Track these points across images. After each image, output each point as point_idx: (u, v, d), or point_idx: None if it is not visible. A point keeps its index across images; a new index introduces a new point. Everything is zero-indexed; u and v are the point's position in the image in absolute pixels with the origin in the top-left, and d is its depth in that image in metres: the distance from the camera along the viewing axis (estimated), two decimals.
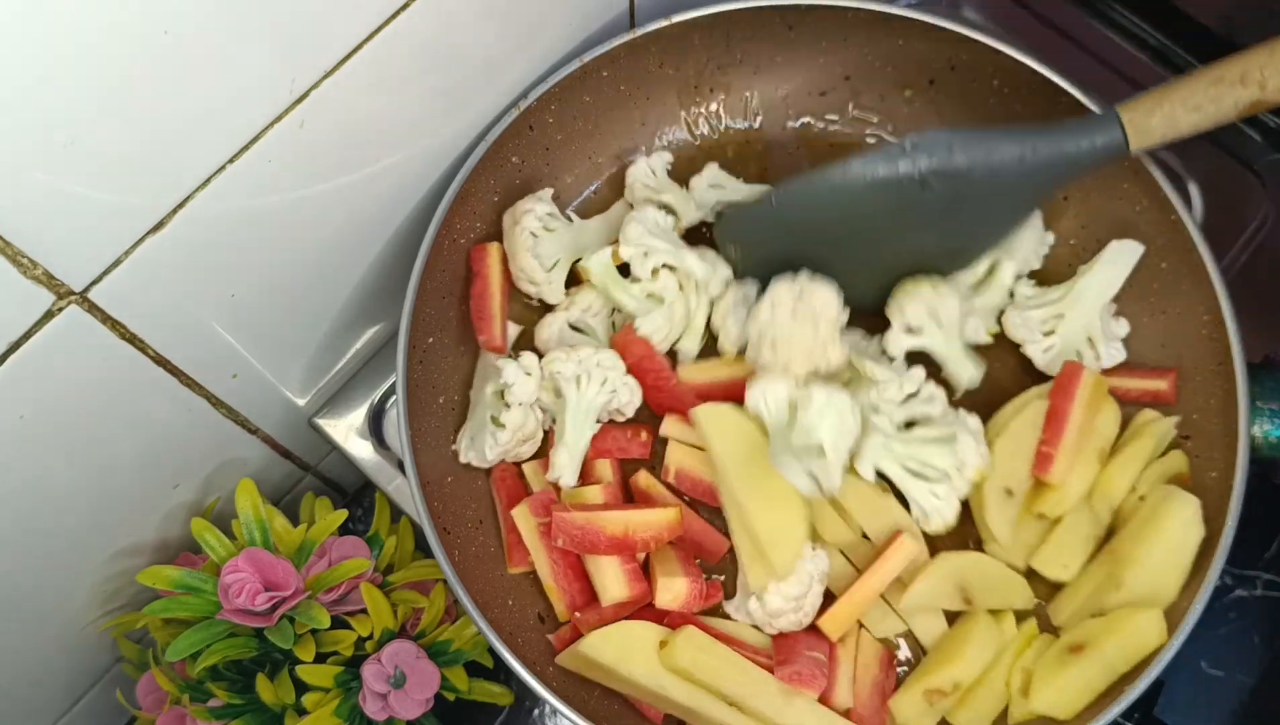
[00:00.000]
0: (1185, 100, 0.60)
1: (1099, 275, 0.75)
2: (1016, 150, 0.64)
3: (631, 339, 0.74)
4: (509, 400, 0.71)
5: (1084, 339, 0.75)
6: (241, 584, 0.68)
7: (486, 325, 0.75)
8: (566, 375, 0.72)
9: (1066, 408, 0.70)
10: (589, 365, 0.72)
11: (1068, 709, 0.66)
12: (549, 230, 0.75)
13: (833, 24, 0.80)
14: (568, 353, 0.72)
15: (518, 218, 0.75)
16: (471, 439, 0.73)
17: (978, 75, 0.80)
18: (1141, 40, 0.93)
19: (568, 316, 0.77)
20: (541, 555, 0.71)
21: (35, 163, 0.46)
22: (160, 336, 0.60)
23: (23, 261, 0.49)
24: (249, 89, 0.53)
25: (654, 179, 0.80)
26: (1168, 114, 0.61)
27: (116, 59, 0.46)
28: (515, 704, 0.81)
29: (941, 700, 0.67)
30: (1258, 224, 0.88)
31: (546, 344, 0.76)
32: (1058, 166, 0.64)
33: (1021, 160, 0.64)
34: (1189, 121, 0.61)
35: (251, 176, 0.57)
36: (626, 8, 0.80)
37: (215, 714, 0.69)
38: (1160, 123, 0.61)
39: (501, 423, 0.71)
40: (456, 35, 0.64)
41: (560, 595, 0.71)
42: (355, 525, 0.90)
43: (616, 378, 0.72)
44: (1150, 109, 0.62)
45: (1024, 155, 0.64)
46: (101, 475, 0.65)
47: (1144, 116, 0.62)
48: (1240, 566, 0.82)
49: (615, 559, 0.69)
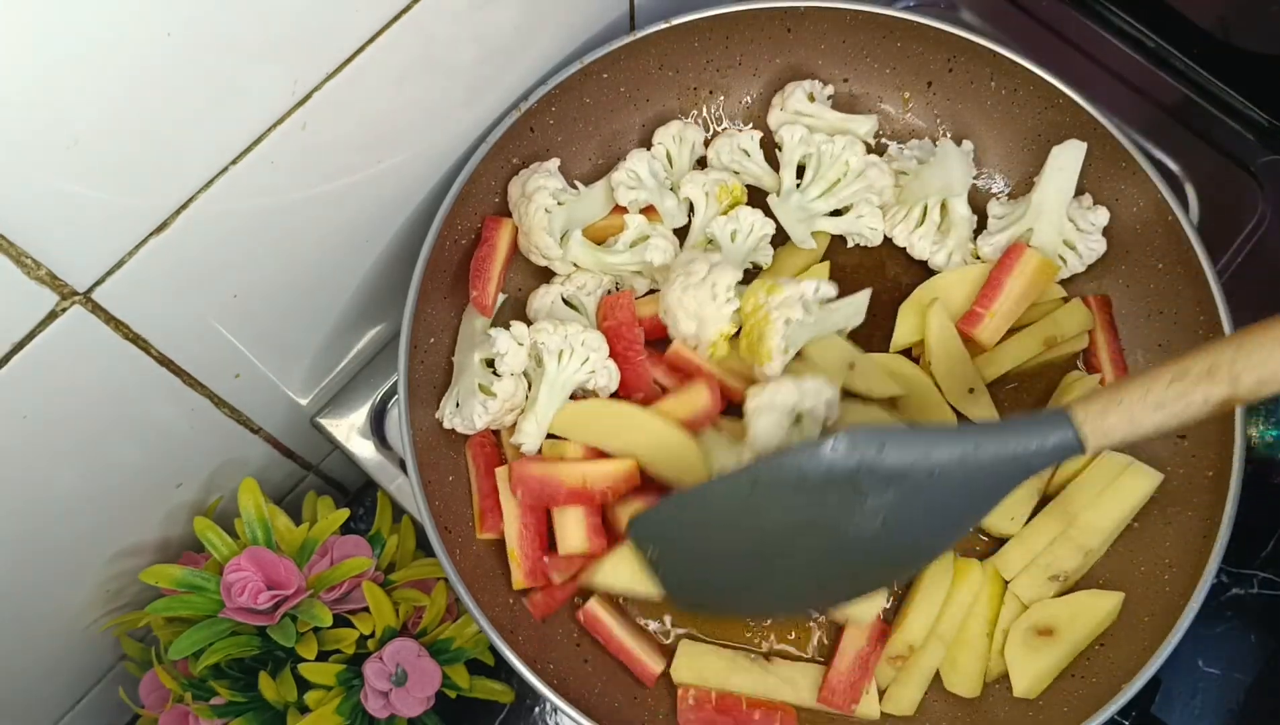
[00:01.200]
0: (1146, 398, 0.53)
1: (1050, 182, 0.77)
2: (957, 451, 0.56)
3: (620, 302, 0.74)
4: (500, 369, 0.71)
5: (1060, 244, 0.77)
6: (244, 582, 0.68)
7: (482, 286, 0.76)
8: (550, 348, 0.72)
9: (1003, 277, 0.75)
10: (574, 342, 0.73)
11: (1039, 690, 0.70)
12: (560, 203, 0.76)
13: (831, 26, 0.80)
14: (556, 326, 0.73)
15: (530, 195, 0.75)
16: (458, 405, 0.73)
17: (975, 77, 0.80)
18: (1138, 41, 0.94)
19: (563, 290, 0.78)
20: (514, 519, 0.71)
21: (39, 164, 0.46)
22: (163, 337, 0.61)
23: (26, 262, 0.49)
24: (251, 91, 0.53)
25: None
26: (1127, 414, 0.54)
27: (120, 61, 0.46)
28: (516, 701, 0.82)
29: (903, 664, 0.71)
30: (1254, 225, 0.88)
31: (537, 313, 0.77)
32: (1006, 468, 0.56)
33: (964, 462, 0.56)
34: (1153, 421, 0.53)
35: (254, 178, 0.57)
36: (627, 10, 0.80)
37: (218, 712, 0.69)
38: (1119, 423, 0.54)
39: (493, 392, 0.72)
40: (458, 38, 0.64)
41: (520, 561, 0.71)
42: (357, 524, 0.91)
43: (598, 359, 0.73)
44: (1105, 409, 0.54)
45: (966, 456, 0.56)
46: (104, 475, 0.65)
47: (1099, 417, 0.54)
48: (1237, 565, 0.83)
49: (579, 512, 0.70)
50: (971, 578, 0.72)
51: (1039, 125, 0.79)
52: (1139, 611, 0.70)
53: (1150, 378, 0.53)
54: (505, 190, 0.78)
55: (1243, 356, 0.51)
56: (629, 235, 0.78)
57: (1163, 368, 0.53)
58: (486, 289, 0.76)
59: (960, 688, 0.71)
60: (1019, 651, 0.70)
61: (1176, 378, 0.53)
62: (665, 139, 0.81)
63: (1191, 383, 0.52)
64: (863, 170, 0.80)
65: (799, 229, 0.79)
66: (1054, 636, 0.70)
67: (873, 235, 0.80)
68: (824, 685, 0.70)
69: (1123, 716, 0.67)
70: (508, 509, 0.72)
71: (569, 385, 0.73)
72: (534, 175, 0.76)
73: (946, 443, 0.56)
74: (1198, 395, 0.52)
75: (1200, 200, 0.89)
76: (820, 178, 0.80)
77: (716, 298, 0.70)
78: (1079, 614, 0.70)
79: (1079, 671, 0.70)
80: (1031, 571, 0.72)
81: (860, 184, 0.80)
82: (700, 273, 0.71)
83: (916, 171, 0.80)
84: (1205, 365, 0.52)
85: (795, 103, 0.81)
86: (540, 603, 0.72)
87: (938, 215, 0.79)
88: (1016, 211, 0.78)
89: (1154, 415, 0.53)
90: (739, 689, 0.70)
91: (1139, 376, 0.54)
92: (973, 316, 0.75)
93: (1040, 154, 0.79)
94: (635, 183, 0.78)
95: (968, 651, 0.71)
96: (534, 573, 0.71)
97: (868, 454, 0.56)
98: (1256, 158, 0.90)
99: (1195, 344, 0.71)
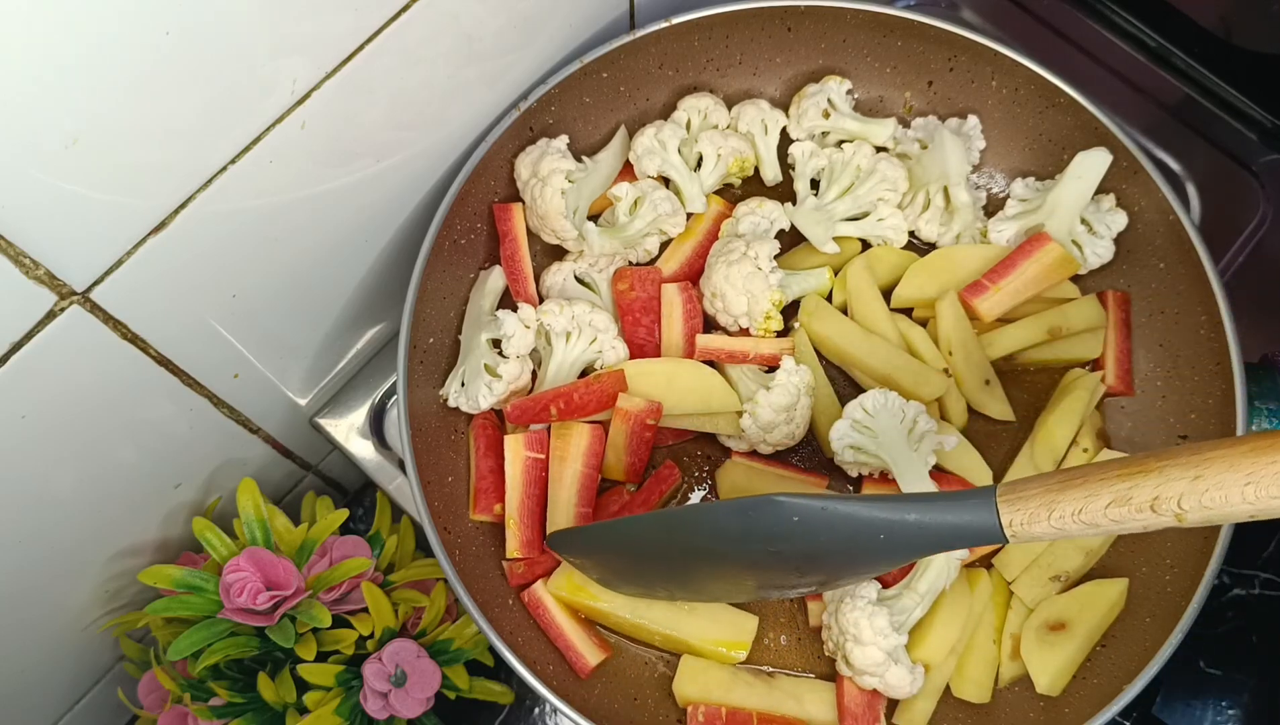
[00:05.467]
0: (1080, 515, 0.48)
1: (1068, 188, 0.77)
2: (873, 530, 0.54)
3: (648, 277, 0.76)
4: (507, 352, 0.72)
5: (1069, 243, 0.77)
6: (243, 583, 0.68)
7: (522, 285, 0.77)
8: (557, 329, 0.73)
9: (1019, 260, 0.76)
10: (581, 322, 0.73)
11: (1061, 685, 0.69)
12: (571, 181, 0.76)
13: (832, 25, 0.80)
14: (561, 306, 0.73)
15: (544, 178, 0.74)
16: (463, 385, 0.73)
17: (977, 76, 0.80)
18: (1140, 41, 0.93)
19: (575, 267, 0.78)
20: (517, 488, 0.71)
21: (37, 163, 0.46)
22: (162, 337, 0.60)
23: (25, 262, 0.49)
24: (250, 90, 0.53)
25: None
26: (1057, 524, 0.49)
27: (118, 60, 0.46)
28: (516, 703, 0.82)
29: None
30: (1255, 224, 0.88)
31: (549, 291, 0.78)
32: (923, 544, 0.55)
33: (876, 538, 0.54)
34: (1082, 532, 0.49)
35: (253, 177, 0.57)
36: (627, 9, 0.80)
37: (216, 713, 0.69)
38: (1046, 531, 0.50)
39: (499, 374, 0.72)
40: (456, 37, 0.64)
41: (518, 530, 0.71)
42: (356, 524, 0.90)
43: (606, 339, 0.74)
44: (1034, 516, 0.50)
45: (880, 533, 0.54)
46: (103, 475, 0.65)
47: (1027, 523, 0.50)
48: (1238, 566, 0.83)
49: (572, 496, 0.71)
50: (981, 588, 0.71)
51: (1040, 125, 0.79)
52: (1140, 612, 0.70)
53: (1089, 492, 0.48)
54: (505, 191, 0.78)
55: (1194, 493, 0.45)
56: (625, 204, 0.78)
57: (1106, 482, 0.47)
58: (528, 289, 0.77)
59: (970, 694, 0.70)
60: (1035, 649, 0.69)
61: (1117, 502, 0.47)
62: (690, 109, 0.81)
63: (1132, 510, 0.47)
64: (874, 168, 0.80)
65: (818, 231, 0.78)
66: (1067, 630, 0.69)
67: (896, 235, 0.80)
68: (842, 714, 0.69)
69: (1124, 717, 0.66)
70: (512, 476, 0.72)
71: (577, 364, 0.74)
72: (545, 157, 0.75)
73: (859, 517, 0.54)
74: (1135, 523, 0.47)
75: (1202, 200, 0.89)
76: (835, 183, 0.80)
77: (762, 268, 0.72)
78: (1087, 605, 0.70)
79: (1080, 672, 0.70)
80: (1033, 572, 0.72)
81: (874, 180, 0.80)
82: (739, 250, 0.73)
83: (919, 157, 0.80)
84: (1149, 496, 0.46)
85: (810, 122, 0.82)
86: (520, 574, 0.72)
87: (941, 200, 0.80)
88: (1035, 201, 0.79)
89: (1085, 529, 0.49)
90: (742, 703, 0.69)
91: (1076, 484, 0.48)
92: (978, 287, 0.76)
93: (1041, 153, 0.79)
94: (660, 150, 0.79)
95: (977, 657, 0.70)
96: (529, 543, 0.71)
97: (779, 528, 0.56)
98: (1258, 157, 0.90)
99: (1197, 345, 0.72)
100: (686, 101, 0.81)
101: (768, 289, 0.72)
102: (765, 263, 0.72)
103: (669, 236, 0.80)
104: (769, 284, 0.72)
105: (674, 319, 0.76)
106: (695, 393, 0.74)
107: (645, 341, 0.76)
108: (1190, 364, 0.73)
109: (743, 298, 0.72)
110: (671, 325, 0.76)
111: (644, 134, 0.79)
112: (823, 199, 0.80)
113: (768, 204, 0.79)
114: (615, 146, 0.80)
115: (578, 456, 0.72)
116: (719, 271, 0.73)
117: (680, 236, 0.80)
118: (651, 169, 0.79)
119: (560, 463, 0.72)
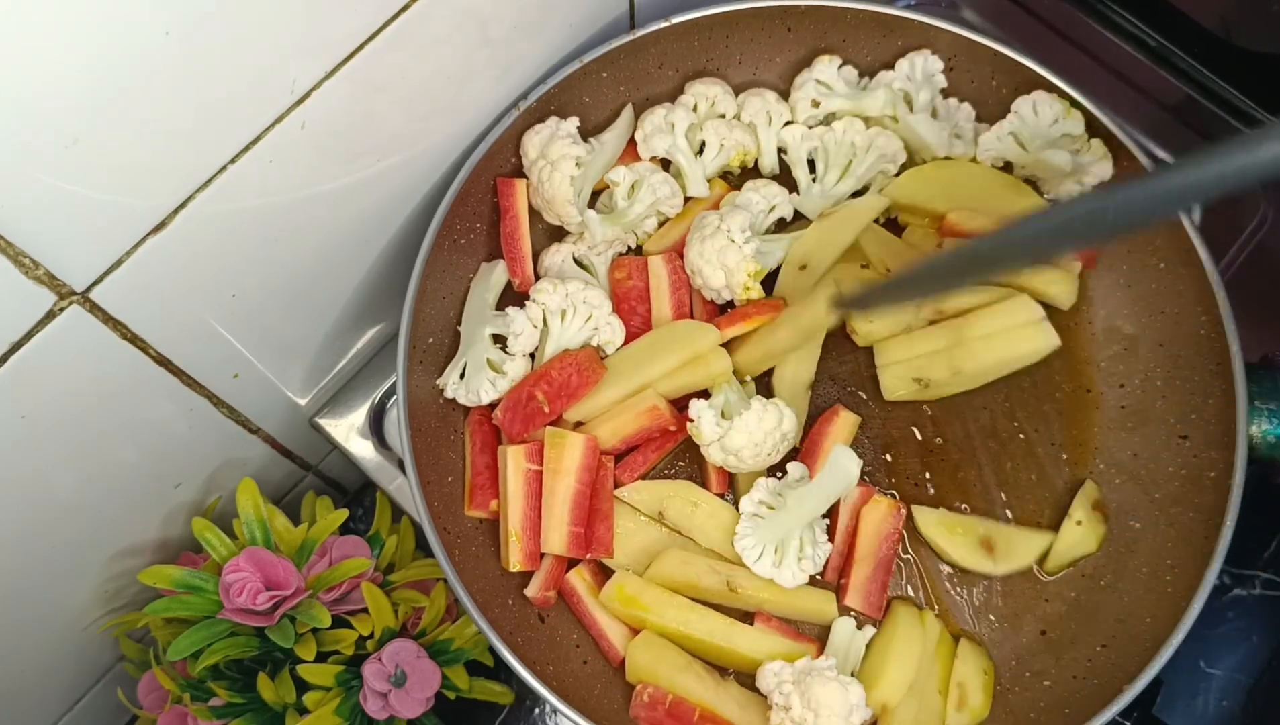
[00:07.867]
0: None
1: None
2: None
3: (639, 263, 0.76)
4: (513, 349, 0.72)
5: None
6: (243, 583, 0.68)
7: (520, 266, 0.77)
8: (552, 308, 0.73)
9: None
10: (576, 300, 0.73)
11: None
12: (580, 165, 0.75)
13: (832, 25, 0.80)
14: (554, 285, 0.73)
15: (554, 162, 0.74)
16: (462, 377, 0.73)
17: (976, 75, 0.80)
18: (1140, 40, 0.93)
19: (574, 249, 0.78)
20: (518, 500, 0.70)
21: (37, 163, 0.46)
22: (161, 336, 0.60)
23: (24, 262, 0.49)
24: (250, 90, 0.53)
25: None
26: None
27: (118, 60, 0.46)
28: (516, 703, 0.82)
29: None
30: (1255, 224, 0.88)
31: (547, 271, 0.78)
32: None
33: None
34: None
35: (253, 177, 0.57)
36: (626, 9, 0.80)
37: (216, 713, 0.69)
38: None
39: (503, 371, 0.72)
40: (456, 36, 0.64)
41: (520, 540, 0.70)
42: (356, 525, 0.90)
43: (601, 316, 0.74)
44: None
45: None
46: (103, 475, 0.65)
47: None
48: (1239, 566, 0.83)
49: (564, 514, 0.70)
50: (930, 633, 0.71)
51: None
52: (1141, 612, 0.70)
53: None
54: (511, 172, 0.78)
55: None
56: (623, 188, 0.78)
57: None
58: (525, 270, 0.77)
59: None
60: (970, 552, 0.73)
61: None
62: (699, 95, 0.81)
63: None
64: (870, 143, 0.80)
65: None
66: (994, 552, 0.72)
67: None
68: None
69: (1124, 717, 0.66)
70: (513, 490, 0.70)
71: (574, 343, 0.74)
72: (555, 140, 0.75)
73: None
74: None
75: None
76: (833, 166, 0.80)
77: (735, 240, 0.72)
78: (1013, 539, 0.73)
79: (1081, 672, 0.70)
80: (901, 368, 0.75)
81: (873, 156, 0.80)
82: (713, 223, 0.73)
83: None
84: None
85: (801, 114, 0.81)
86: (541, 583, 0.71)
87: None
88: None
89: None
90: (686, 691, 0.68)
91: None
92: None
93: None
94: (668, 131, 0.79)
95: (924, 710, 0.69)
96: (532, 557, 0.71)
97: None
98: None
99: (1198, 345, 0.72)
100: (696, 87, 0.81)
101: (743, 260, 0.72)
102: (739, 235, 0.72)
103: (668, 219, 0.80)
104: (744, 255, 0.72)
105: (661, 292, 0.76)
106: (676, 344, 0.73)
107: (641, 329, 0.76)
108: (1190, 364, 0.73)
109: (719, 271, 0.72)
110: (660, 297, 0.76)
111: (654, 113, 0.79)
112: (824, 183, 0.80)
113: (773, 186, 0.79)
114: (620, 126, 0.80)
115: (570, 470, 0.70)
116: (694, 247, 0.74)
117: (674, 219, 0.80)
118: (660, 149, 0.78)
119: (553, 475, 0.70)
